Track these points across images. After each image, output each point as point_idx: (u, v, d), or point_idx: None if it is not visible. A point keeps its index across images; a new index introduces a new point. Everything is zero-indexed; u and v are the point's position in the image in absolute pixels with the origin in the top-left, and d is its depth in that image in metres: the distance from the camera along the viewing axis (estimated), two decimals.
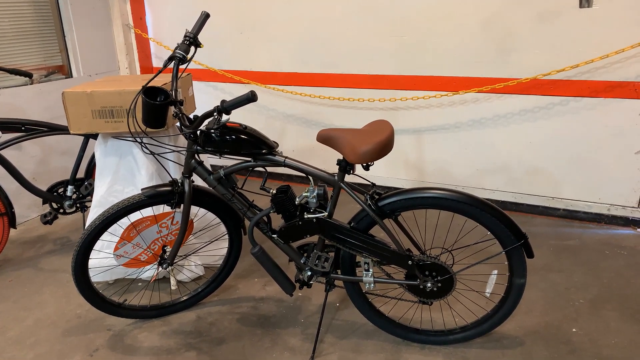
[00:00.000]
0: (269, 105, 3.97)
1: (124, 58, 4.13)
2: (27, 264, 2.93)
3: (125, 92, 2.29)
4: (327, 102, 3.72)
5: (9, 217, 2.76)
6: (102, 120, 2.35)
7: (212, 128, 1.78)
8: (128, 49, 4.14)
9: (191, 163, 2.01)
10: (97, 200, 2.49)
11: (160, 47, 4.18)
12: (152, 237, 2.17)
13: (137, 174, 2.46)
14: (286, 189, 1.97)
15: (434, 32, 3.23)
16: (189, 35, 2.02)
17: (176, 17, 4.06)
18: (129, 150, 2.46)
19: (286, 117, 3.94)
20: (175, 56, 1.98)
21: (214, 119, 1.77)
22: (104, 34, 3.99)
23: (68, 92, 2.32)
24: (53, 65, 3.71)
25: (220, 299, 2.52)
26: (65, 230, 3.35)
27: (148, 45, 4.25)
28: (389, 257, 1.93)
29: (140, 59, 4.22)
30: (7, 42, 3.37)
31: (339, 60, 3.60)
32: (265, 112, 4.01)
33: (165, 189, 2.04)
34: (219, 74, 3.98)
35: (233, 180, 2.03)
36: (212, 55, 4.00)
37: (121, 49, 4.11)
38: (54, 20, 3.67)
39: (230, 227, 2.29)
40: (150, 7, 4.13)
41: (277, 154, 1.94)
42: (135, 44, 4.18)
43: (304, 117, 3.88)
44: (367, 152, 1.72)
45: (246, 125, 1.80)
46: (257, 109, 4.02)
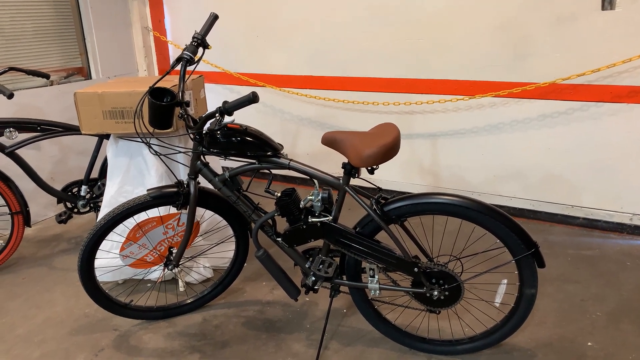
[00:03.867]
0: (284, 108, 3.96)
1: (142, 60, 4.18)
2: (41, 262, 2.97)
3: (135, 93, 2.30)
4: (342, 106, 3.69)
5: (23, 216, 2.80)
6: (112, 120, 2.37)
7: (214, 129, 1.77)
8: (147, 51, 4.18)
9: (197, 164, 2.01)
10: (107, 201, 2.50)
11: (179, 50, 4.21)
12: (158, 238, 2.17)
13: (147, 174, 2.47)
14: (291, 192, 1.94)
15: (449, 36, 3.17)
16: (197, 37, 2.01)
17: (195, 20, 4.09)
18: (139, 151, 2.47)
19: (301, 120, 3.93)
20: (182, 57, 1.98)
21: (215, 120, 1.76)
22: (123, 37, 4.05)
23: (80, 92, 2.34)
24: (73, 67, 3.78)
25: (227, 301, 2.51)
26: (80, 230, 3.39)
27: (166, 48, 4.30)
28: (395, 264, 1.89)
29: (158, 61, 4.26)
30: (28, 43, 3.44)
31: (353, 63, 3.57)
32: (280, 115, 4.00)
33: (171, 190, 2.04)
34: (234, 77, 3.99)
35: (238, 182, 2.02)
36: (227, 58, 4.02)
37: (140, 51, 4.16)
38: (74, 23, 3.73)
39: (237, 230, 2.28)
40: (169, 10, 4.18)
41: (282, 156, 1.92)
42: (154, 46, 4.22)
43: (318, 121, 3.86)
44: (371, 156, 1.69)
45: (247, 126, 1.79)
46: (272, 112, 4.02)
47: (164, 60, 4.30)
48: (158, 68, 4.27)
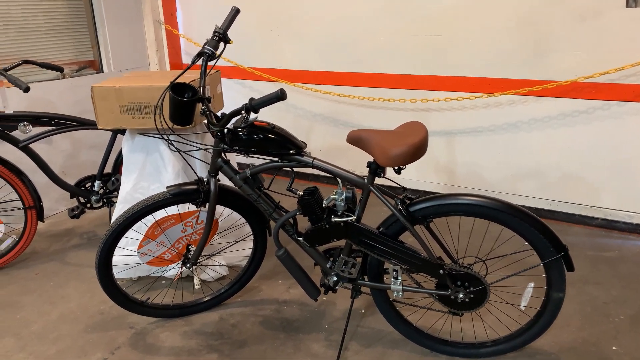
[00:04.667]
0: (297, 104, 3.92)
1: (154, 54, 4.14)
2: (54, 257, 2.94)
3: (153, 88, 2.27)
4: (356, 102, 3.64)
5: (37, 211, 2.78)
6: (129, 116, 2.33)
7: (240, 126, 1.73)
8: (158, 45, 4.14)
9: (217, 162, 1.97)
10: (123, 197, 2.47)
11: (190, 43, 4.17)
12: (176, 235, 2.13)
13: (163, 171, 2.44)
14: (313, 191, 1.90)
15: (468, 32, 3.12)
16: (218, 31, 1.97)
17: (206, 13, 4.04)
18: (155, 147, 2.43)
19: (314, 116, 3.88)
20: (204, 52, 1.94)
21: (241, 117, 1.72)
22: (135, 30, 4.00)
23: (97, 87, 2.30)
24: (84, 60, 3.74)
25: (244, 300, 2.48)
26: (92, 225, 3.36)
27: (178, 42, 4.25)
28: (419, 265, 1.85)
29: (170, 55, 4.22)
30: (40, 36, 3.40)
31: (368, 59, 3.52)
32: (293, 111, 3.96)
33: (191, 187, 2.01)
34: (247, 72, 3.94)
35: (259, 180, 1.98)
36: (240, 53, 3.97)
37: (151, 45, 4.12)
38: (86, 16, 3.69)
39: (255, 228, 2.24)
40: (181, 3, 4.13)
41: (305, 155, 1.88)
42: (166, 40, 4.18)
43: (332, 117, 3.82)
44: (398, 155, 1.65)
45: (274, 124, 1.75)
46: (285, 108, 3.98)
47: (175, 54, 4.25)
48: (169, 62, 4.23)
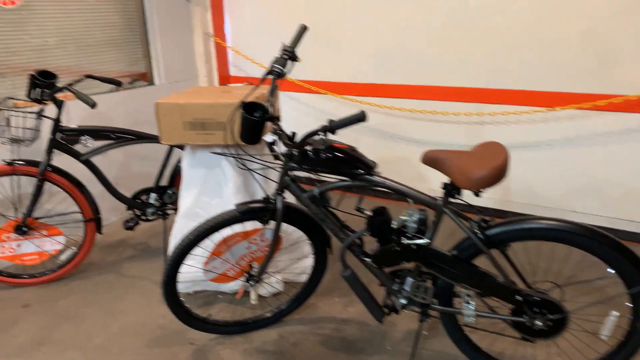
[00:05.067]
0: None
1: (202, 66, 4.18)
2: (110, 268, 2.98)
3: (217, 105, 2.27)
4: (407, 115, 3.60)
5: (96, 223, 2.82)
6: (192, 132, 2.34)
7: (319, 148, 1.71)
8: (207, 57, 4.18)
9: (285, 180, 1.95)
10: (184, 212, 2.48)
11: (238, 55, 4.19)
12: (240, 252, 2.12)
13: (224, 186, 2.44)
14: (383, 211, 1.87)
15: (526, 44, 3.04)
16: (287, 49, 1.96)
17: (254, 26, 4.06)
18: (216, 163, 2.44)
19: (361, 128, 3.85)
20: (273, 71, 1.93)
21: (319, 138, 1.69)
22: (185, 43, 4.05)
23: (161, 103, 2.32)
24: (136, 72, 3.80)
25: (301, 317, 2.45)
26: (144, 236, 3.40)
27: (226, 54, 4.29)
28: (494, 290, 1.79)
29: (218, 67, 4.25)
30: (97, 49, 3.47)
31: (420, 71, 3.47)
32: None
33: (259, 205, 2.00)
34: (294, 84, 3.94)
35: (327, 199, 1.95)
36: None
37: (200, 57, 4.16)
38: (139, 29, 3.76)
39: (317, 245, 2.22)
40: (229, 16, 4.16)
41: (376, 174, 1.85)
42: (214, 52, 4.22)
43: (380, 129, 3.78)
44: (482, 178, 1.59)
45: (355, 146, 1.71)
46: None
47: (223, 66, 4.29)
48: (218, 74, 4.27)
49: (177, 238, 2.52)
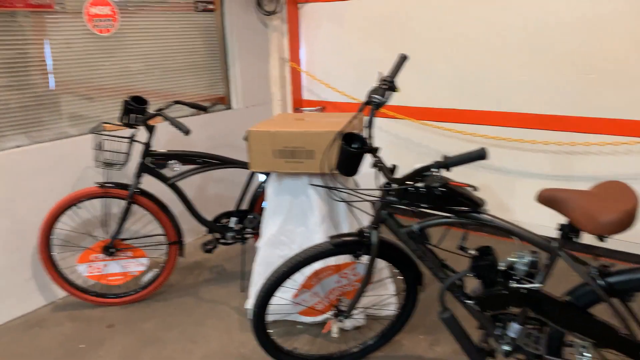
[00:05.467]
0: (422, 141, 3.80)
1: (277, 90, 4.22)
2: (188, 291, 3.00)
3: (308, 133, 2.25)
4: (489, 142, 3.46)
5: (179, 246, 2.85)
6: (282, 159, 2.32)
7: (432, 185, 1.63)
8: (282, 81, 4.22)
9: (382, 214, 1.88)
10: (268, 239, 2.46)
11: (312, 80, 4.20)
12: (330, 286, 2.06)
13: (309, 214, 2.40)
14: (489, 251, 1.76)
15: (626, 70, 2.85)
16: (386, 79, 1.92)
17: (329, 51, 4.07)
18: (302, 190, 2.41)
19: (438, 154, 3.74)
20: (372, 101, 1.89)
21: (434, 175, 1.62)
22: (262, 67, 4.11)
23: (253, 130, 2.33)
24: (216, 96, 3.88)
25: (386, 354, 2.35)
26: (219, 258, 3.42)
27: (300, 78, 4.31)
28: (614, 342, 1.63)
29: (292, 91, 4.28)
30: (180, 74, 3.57)
31: (505, 96, 3.33)
32: (416, 149, 3.84)
33: (353, 238, 1.93)
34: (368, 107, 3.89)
35: (427, 236, 1.86)
36: (360, 88, 3.94)
37: (275, 81, 4.20)
38: (220, 55, 3.84)
39: (409, 282, 2.13)
40: (305, 41, 4.20)
41: (484, 212, 1.74)
42: (289, 76, 4.25)
43: None
44: (612, 223, 1.46)
45: (475, 185, 1.62)
46: (406, 145, 3.87)
47: (297, 90, 4.31)
48: (292, 98, 4.29)
49: (260, 265, 2.50)
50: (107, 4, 3.04)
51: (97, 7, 2.99)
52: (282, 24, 4.13)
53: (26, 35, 2.72)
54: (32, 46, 2.75)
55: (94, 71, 3.06)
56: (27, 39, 2.73)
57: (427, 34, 3.54)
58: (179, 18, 3.49)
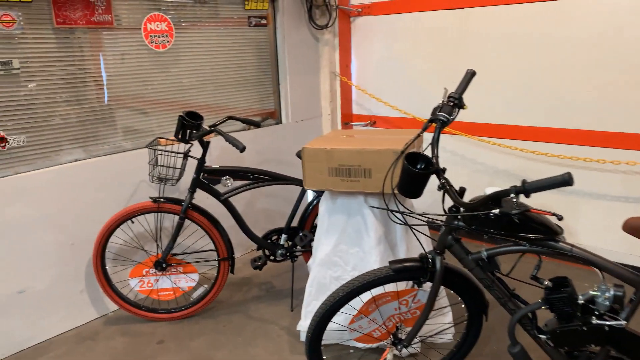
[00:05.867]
0: (476, 158, 3.65)
1: (327, 105, 4.17)
2: (237, 308, 2.96)
3: (365, 151, 2.17)
4: (550, 160, 3.27)
5: (229, 263, 2.82)
6: (337, 178, 2.25)
7: (510, 213, 1.51)
8: (332, 95, 4.17)
9: (447, 239, 1.77)
10: (321, 259, 2.39)
11: (363, 95, 4.13)
12: (389, 313, 1.96)
13: (364, 235, 2.31)
14: (565, 283, 1.61)
15: None
16: (453, 96, 1.82)
17: (381, 64, 3.99)
18: (357, 210, 2.32)
19: (495, 172, 3.57)
20: (438, 119, 1.79)
21: (512, 201, 1.50)
22: (312, 82, 4.08)
23: (308, 148, 2.27)
24: (266, 110, 3.86)
25: None
26: (268, 275, 3.37)
27: (350, 93, 4.25)
28: None
29: (342, 105, 4.23)
30: (232, 89, 3.58)
31: (568, 113, 3.15)
32: (471, 166, 3.69)
33: (415, 264, 1.83)
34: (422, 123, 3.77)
35: (495, 263, 1.74)
36: (411, 102, 3.83)
37: (326, 95, 4.16)
38: (271, 69, 3.83)
39: (472, 310, 2.00)
40: (356, 55, 4.14)
41: (561, 241, 1.61)
42: (339, 91, 4.20)
43: (516, 174, 3.48)
44: None
45: (561, 215, 1.50)
46: (461, 161, 3.73)
47: (347, 105, 4.25)
48: (341, 112, 4.23)
49: (312, 286, 2.43)
50: (164, 20, 3.08)
51: (154, 23, 3.03)
52: (333, 38, 4.09)
53: (84, 51, 2.78)
54: (89, 61, 2.81)
55: (148, 86, 3.09)
56: (85, 55, 2.78)
57: (487, 48, 3.41)
58: (231, 33, 3.50)
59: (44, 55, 2.62)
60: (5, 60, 2.47)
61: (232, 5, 3.47)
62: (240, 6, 3.53)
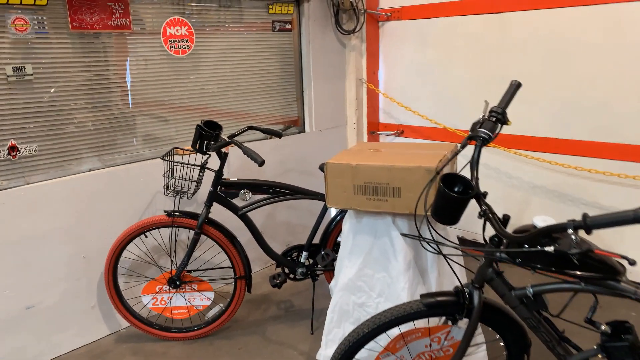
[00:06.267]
0: (512, 172, 3.41)
1: (352, 113, 4.00)
2: (254, 329, 2.79)
3: (394, 168, 1.98)
4: (596, 177, 3.02)
5: (247, 281, 2.66)
6: (363, 196, 2.07)
7: (568, 252, 1.30)
8: (358, 103, 3.99)
9: (488, 272, 1.57)
10: (344, 284, 2.20)
11: (391, 103, 3.93)
12: (419, 350, 1.77)
13: (392, 259, 2.12)
14: (626, 328, 1.39)
15: None
16: (496, 111, 1.62)
17: (410, 71, 3.79)
18: (385, 231, 2.13)
19: (533, 188, 3.33)
20: (478, 136, 1.59)
21: (571, 238, 1.29)
22: (337, 89, 3.91)
23: (331, 163, 2.09)
24: (289, 118, 3.71)
25: None
26: (287, 293, 3.19)
27: (377, 100, 4.06)
28: None
29: (368, 114, 4.04)
30: (254, 96, 3.43)
31: (615, 125, 2.90)
32: (506, 180, 3.45)
33: (449, 298, 1.63)
34: (453, 134, 3.57)
35: (543, 302, 1.53)
36: (444, 112, 3.62)
37: (351, 103, 3.98)
38: (295, 76, 3.68)
39: (512, 350, 1.78)
40: (384, 61, 3.95)
41: (623, 281, 1.39)
42: (365, 99, 4.02)
43: (557, 191, 3.23)
44: None
45: (634, 260, 1.28)
46: (496, 175, 3.49)
47: (373, 113, 4.06)
48: (367, 121, 4.04)
49: (334, 312, 2.24)
50: (185, 24, 2.95)
51: (174, 28, 2.91)
52: (360, 43, 3.91)
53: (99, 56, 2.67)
54: (105, 67, 2.70)
55: (167, 92, 2.97)
56: (100, 60, 2.67)
57: (527, 56, 3.18)
58: (254, 38, 3.36)
59: (59, 60, 2.51)
60: (18, 65, 2.37)
61: (255, 9, 3.33)
62: (264, 10, 3.38)
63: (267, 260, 3.55)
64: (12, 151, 2.40)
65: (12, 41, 2.34)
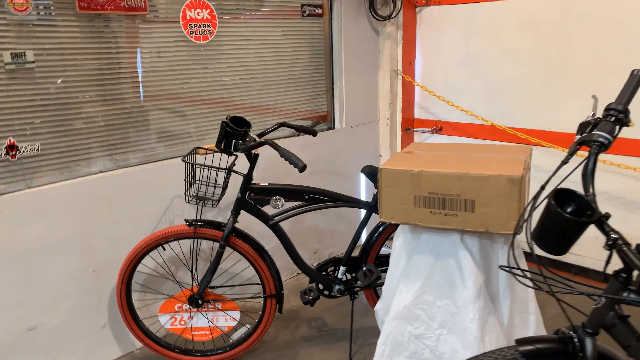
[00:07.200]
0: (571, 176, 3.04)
1: (386, 107, 3.64)
2: (285, 352, 2.47)
3: (467, 177, 1.64)
4: None
5: (277, 300, 2.33)
6: (427, 209, 1.72)
7: None
8: (392, 97, 3.63)
9: (607, 316, 1.22)
10: (399, 312, 1.86)
11: (429, 96, 3.57)
12: None
13: (459, 284, 1.78)
14: None
15: None
16: (616, 108, 1.27)
17: (452, 62, 3.42)
18: (450, 251, 1.79)
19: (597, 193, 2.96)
20: (594, 141, 1.25)
21: None
22: (370, 81, 3.55)
23: (386, 169, 1.75)
24: (317, 113, 3.36)
25: None
26: (318, 309, 2.86)
27: (413, 94, 3.70)
28: None
29: (403, 108, 3.68)
30: (281, 88, 3.09)
31: None
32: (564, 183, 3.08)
33: (552, 346, 1.29)
34: (503, 132, 3.20)
35: None
36: (491, 106, 3.25)
37: (385, 97, 3.62)
38: (325, 67, 3.33)
39: None
40: (422, 50, 3.58)
41: None
42: (400, 91, 3.65)
43: (623, 197, 2.86)
44: None
45: None
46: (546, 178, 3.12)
47: (408, 107, 3.70)
48: (401, 116, 3.69)
49: (386, 345, 1.91)
50: (207, 7, 2.61)
51: (195, 11, 2.57)
52: (396, 31, 3.55)
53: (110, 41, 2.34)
54: (117, 54, 2.37)
55: (186, 84, 2.64)
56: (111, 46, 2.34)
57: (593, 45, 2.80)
58: (281, 24, 3.01)
59: (65, 46, 2.18)
60: (17, 51, 2.05)
61: None
62: None
63: (293, 270, 3.21)
64: (11, 150, 2.08)
65: (11, 23, 2.02)
